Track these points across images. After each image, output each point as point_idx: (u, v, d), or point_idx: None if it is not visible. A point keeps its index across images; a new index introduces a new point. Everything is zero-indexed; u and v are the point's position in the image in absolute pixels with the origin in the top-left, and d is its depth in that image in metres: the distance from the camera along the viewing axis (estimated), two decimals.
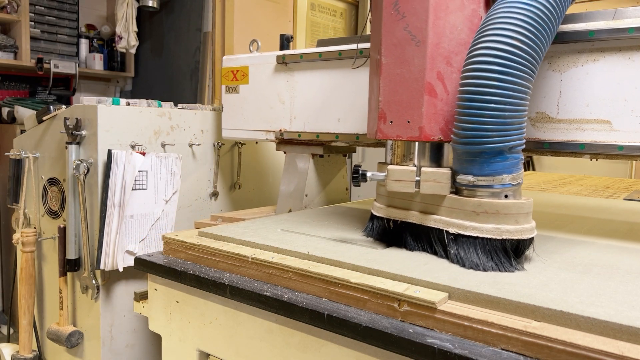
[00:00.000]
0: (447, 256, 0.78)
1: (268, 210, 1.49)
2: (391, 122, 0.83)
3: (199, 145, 1.76)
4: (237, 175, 1.91)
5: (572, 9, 0.86)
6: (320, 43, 1.30)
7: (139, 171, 1.50)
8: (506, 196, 0.75)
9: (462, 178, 0.77)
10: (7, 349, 1.79)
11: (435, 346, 0.57)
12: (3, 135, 2.94)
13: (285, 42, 1.41)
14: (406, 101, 0.81)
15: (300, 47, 3.37)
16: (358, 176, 0.83)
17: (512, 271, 0.73)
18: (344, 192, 1.55)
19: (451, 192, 0.79)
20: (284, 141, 1.39)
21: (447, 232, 0.77)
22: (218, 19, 3.05)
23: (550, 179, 2.29)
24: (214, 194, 1.83)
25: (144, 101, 1.64)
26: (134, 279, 1.60)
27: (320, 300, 0.70)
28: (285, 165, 1.42)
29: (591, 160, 0.93)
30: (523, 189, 1.68)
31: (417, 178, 0.79)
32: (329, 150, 1.37)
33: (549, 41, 0.76)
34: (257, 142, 1.94)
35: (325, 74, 1.28)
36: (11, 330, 2.03)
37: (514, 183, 0.76)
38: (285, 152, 1.43)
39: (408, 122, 0.81)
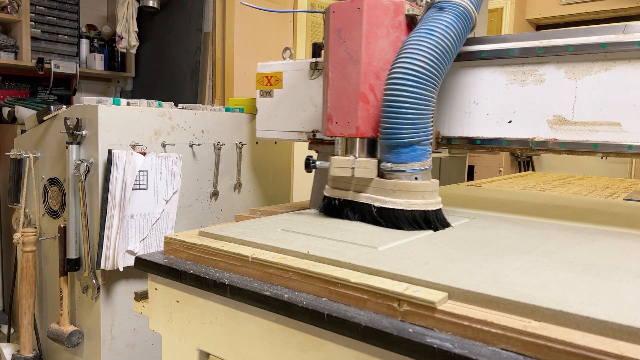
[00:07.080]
0: (375, 223, 1.00)
1: (302, 204, 1.61)
2: (336, 122, 1.05)
3: (199, 145, 1.76)
4: (238, 175, 1.91)
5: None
6: None
7: (140, 171, 1.50)
8: (416, 178, 0.98)
9: (384, 165, 1.00)
10: (8, 349, 1.79)
11: (435, 346, 0.57)
12: (4, 135, 2.94)
13: (317, 49, 1.53)
14: (347, 107, 1.03)
15: (300, 47, 3.38)
16: (309, 164, 1.07)
17: (422, 230, 0.95)
18: None
19: (378, 176, 1.01)
20: (316, 141, 1.51)
21: (373, 206, 1.01)
22: (218, 19, 3.05)
23: (549, 179, 2.29)
24: (214, 194, 1.83)
25: (144, 101, 1.64)
26: (134, 279, 1.61)
27: (320, 300, 0.70)
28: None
29: (602, 158, 1.03)
30: (523, 189, 1.80)
31: (353, 166, 1.01)
32: None
33: (448, 64, 0.98)
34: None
35: None
36: (12, 330, 2.03)
37: (422, 168, 0.98)
38: (317, 152, 1.54)
39: (348, 122, 1.03)
